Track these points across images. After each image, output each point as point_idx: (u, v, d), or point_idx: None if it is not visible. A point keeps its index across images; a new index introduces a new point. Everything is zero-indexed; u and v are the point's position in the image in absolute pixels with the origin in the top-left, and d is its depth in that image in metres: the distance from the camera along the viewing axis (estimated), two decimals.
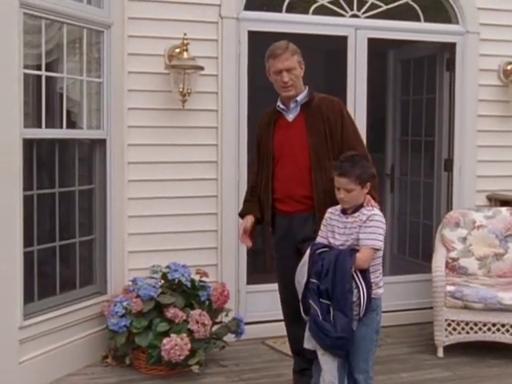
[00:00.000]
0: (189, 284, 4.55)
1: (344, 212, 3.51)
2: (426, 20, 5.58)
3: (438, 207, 5.95)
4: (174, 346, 4.26)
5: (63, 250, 4.55)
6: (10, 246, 3.98)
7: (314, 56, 7.22)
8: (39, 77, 4.31)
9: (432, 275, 4.96)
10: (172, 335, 4.30)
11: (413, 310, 5.72)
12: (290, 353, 4.35)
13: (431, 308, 5.45)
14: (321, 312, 3.38)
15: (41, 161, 4.32)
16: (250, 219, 4.10)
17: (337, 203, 3.57)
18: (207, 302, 4.60)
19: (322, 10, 5.35)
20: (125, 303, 4.45)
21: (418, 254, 6.24)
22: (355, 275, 3.38)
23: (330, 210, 3.61)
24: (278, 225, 4.04)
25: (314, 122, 3.90)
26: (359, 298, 3.38)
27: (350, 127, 3.95)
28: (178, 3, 4.97)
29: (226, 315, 4.79)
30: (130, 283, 4.68)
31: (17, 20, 3.95)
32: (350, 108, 5.45)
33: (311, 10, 5.33)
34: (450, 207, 5.77)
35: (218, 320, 4.76)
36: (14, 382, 4.05)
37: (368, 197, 3.53)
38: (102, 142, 4.71)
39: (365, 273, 3.41)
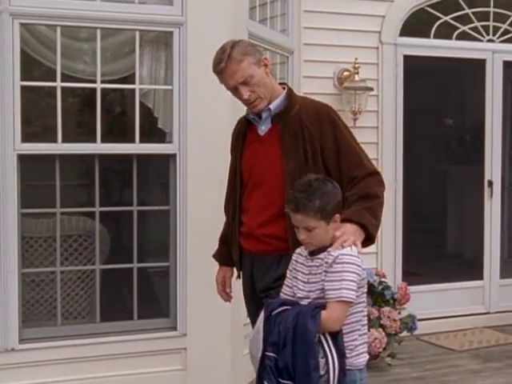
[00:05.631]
0: (376, 284, 5.02)
1: (312, 253, 2.62)
2: None
3: None
4: (375, 339, 4.72)
5: None
6: None
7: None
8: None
9: None
10: (371, 330, 4.76)
11: None
12: (451, 346, 4.75)
13: None
14: None
15: None
16: (223, 273, 3.27)
17: None
18: (391, 301, 5.06)
19: (463, 36, 5.89)
20: None
21: None
22: (323, 340, 2.48)
23: (298, 249, 2.71)
24: (243, 269, 3.12)
25: (290, 140, 2.89)
26: (327, 371, 2.45)
27: (347, 140, 2.91)
28: (344, 30, 5.48)
29: (399, 313, 5.24)
30: None
31: None
32: (487, 126, 5.99)
33: (454, 36, 5.87)
34: None
35: None
36: (240, 371, 4.48)
37: (339, 232, 2.59)
38: None
39: (336, 336, 2.48)
